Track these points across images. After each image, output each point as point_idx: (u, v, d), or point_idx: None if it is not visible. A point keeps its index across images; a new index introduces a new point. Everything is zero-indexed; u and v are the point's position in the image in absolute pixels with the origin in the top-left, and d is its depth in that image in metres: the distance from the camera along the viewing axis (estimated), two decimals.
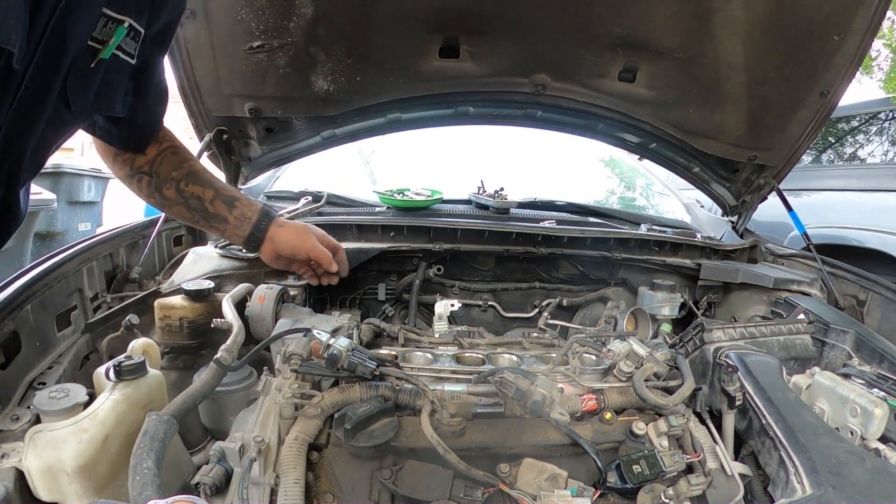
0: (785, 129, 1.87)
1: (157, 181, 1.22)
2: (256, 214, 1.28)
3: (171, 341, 1.32)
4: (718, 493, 0.95)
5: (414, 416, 0.97)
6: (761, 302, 1.71)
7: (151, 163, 1.21)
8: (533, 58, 1.74)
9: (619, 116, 1.95)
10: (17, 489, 0.83)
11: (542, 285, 1.83)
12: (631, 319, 1.59)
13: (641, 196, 2.99)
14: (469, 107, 1.93)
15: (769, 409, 1.01)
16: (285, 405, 0.91)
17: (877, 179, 3.82)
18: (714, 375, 1.13)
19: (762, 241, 2.11)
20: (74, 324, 1.22)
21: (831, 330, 1.41)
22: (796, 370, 1.24)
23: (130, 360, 1.00)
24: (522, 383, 0.95)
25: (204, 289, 1.35)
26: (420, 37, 1.64)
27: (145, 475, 0.71)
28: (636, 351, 1.16)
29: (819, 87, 1.72)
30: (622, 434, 1.03)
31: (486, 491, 0.86)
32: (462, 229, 1.66)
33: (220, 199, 1.26)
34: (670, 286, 1.69)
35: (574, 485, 0.90)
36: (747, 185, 2.14)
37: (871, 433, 1.01)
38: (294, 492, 0.80)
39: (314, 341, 1.02)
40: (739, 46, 1.64)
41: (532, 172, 2.77)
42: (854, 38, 1.56)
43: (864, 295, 1.67)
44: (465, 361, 1.23)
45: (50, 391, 0.92)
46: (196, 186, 1.24)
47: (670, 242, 1.87)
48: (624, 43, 1.67)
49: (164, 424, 0.79)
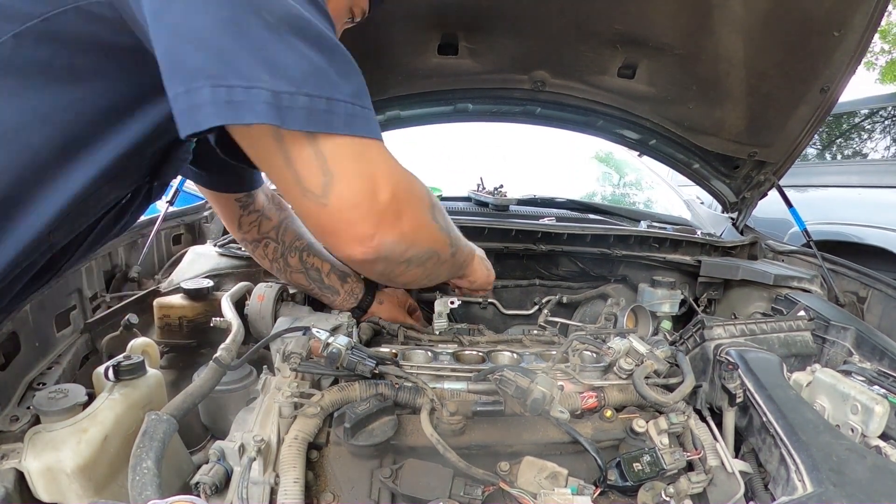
0: (785, 126, 1.87)
1: (283, 248, 1.31)
2: (362, 291, 1.39)
3: (171, 340, 1.32)
4: (719, 491, 0.95)
5: (414, 414, 0.97)
6: (761, 299, 1.71)
7: (277, 229, 1.30)
8: (532, 54, 1.73)
9: (619, 113, 1.94)
10: (16, 490, 0.83)
11: (542, 282, 1.83)
12: (631, 316, 1.59)
13: (641, 193, 2.99)
14: (468, 104, 1.92)
15: (770, 406, 1.00)
16: (285, 404, 0.91)
17: (877, 176, 3.81)
18: (714, 372, 1.13)
19: (762, 237, 2.11)
20: (73, 324, 1.21)
21: (832, 327, 1.41)
22: (797, 367, 1.24)
23: (129, 360, 1.00)
24: (522, 381, 0.95)
25: (203, 288, 1.35)
26: (419, 33, 1.64)
27: (145, 475, 0.71)
28: (636, 348, 1.16)
29: (819, 84, 1.71)
30: (622, 432, 1.03)
31: (486, 489, 0.86)
32: (461, 226, 1.62)
33: (334, 272, 1.36)
34: (670, 283, 1.68)
35: (574, 483, 0.90)
36: (747, 182, 2.14)
37: (871, 430, 1.01)
38: (294, 491, 0.80)
39: (313, 340, 1.02)
40: (739, 42, 1.63)
41: (531, 169, 2.77)
42: (854, 34, 1.56)
43: (864, 292, 1.67)
44: (465, 359, 1.23)
45: (49, 391, 0.92)
46: (316, 259, 1.33)
47: (670, 239, 1.86)
48: (623, 39, 1.66)
49: (164, 424, 0.79)
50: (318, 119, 0.64)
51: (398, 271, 0.84)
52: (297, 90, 0.62)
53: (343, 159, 0.67)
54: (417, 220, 0.80)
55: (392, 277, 0.87)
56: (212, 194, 1.25)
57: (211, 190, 1.24)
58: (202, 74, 0.60)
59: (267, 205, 1.31)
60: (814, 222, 3.58)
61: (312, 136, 0.65)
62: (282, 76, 0.61)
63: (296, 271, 1.33)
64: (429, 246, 0.86)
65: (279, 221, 1.31)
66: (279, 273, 1.35)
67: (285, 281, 1.36)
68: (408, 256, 0.81)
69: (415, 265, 0.85)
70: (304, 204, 0.69)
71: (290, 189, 0.69)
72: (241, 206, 1.26)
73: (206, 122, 0.60)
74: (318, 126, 0.64)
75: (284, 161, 0.66)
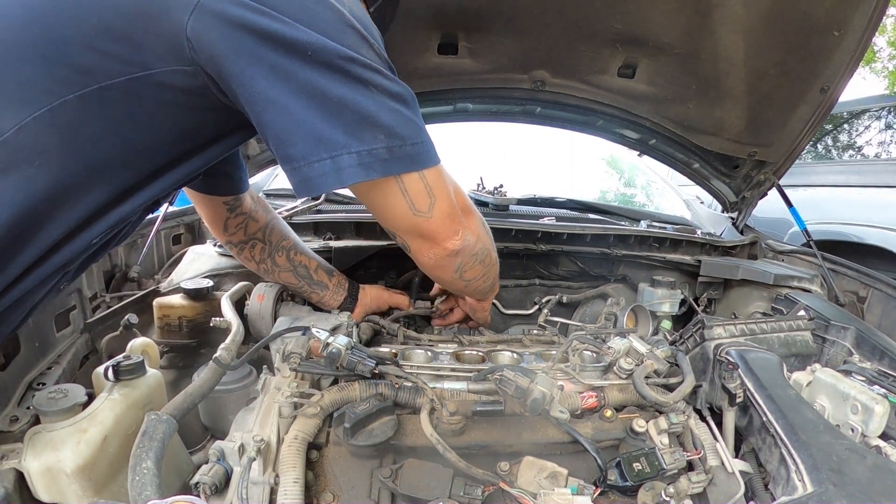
0: (785, 125, 1.86)
1: (270, 248, 1.34)
2: (348, 282, 1.44)
3: (170, 340, 1.32)
4: (719, 491, 0.95)
5: (413, 414, 0.97)
6: (762, 298, 1.71)
7: (264, 230, 1.34)
8: (532, 54, 1.73)
9: (619, 112, 1.94)
10: (16, 490, 0.83)
11: (542, 282, 1.83)
12: (631, 316, 1.59)
13: (641, 192, 2.99)
14: (468, 103, 1.92)
15: (770, 406, 1.00)
16: (284, 404, 0.91)
17: (878, 175, 3.81)
18: (714, 372, 1.13)
19: (762, 237, 2.11)
20: (73, 324, 1.21)
21: (832, 327, 1.41)
22: (797, 367, 1.24)
23: (129, 360, 1.00)
24: (522, 381, 0.95)
25: (203, 287, 1.35)
26: (418, 33, 1.64)
27: (145, 475, 0.71)
28: (636, 348, 1.16)
29: (819, 83, 1.71)
30: (622, 432, 1.03)
31: (486, 489, 0.86)
32: None
33: (321, 268, 1.40)
34: (670, 283, 1.68)
35: (574, 483, 0.90)
36: (747, 182, 2.14)
37: (871, 430, 1.01)
38: (293, 491, 0.80)
39: (313, 340, 1.02)
40: (739, 42, 1.63)
41: (531, 169, 2.77)
42: (854, 33, 1.55)
43: (864, 291, 1.67)
44: (465, 359, 1.23)
45: (49, 392, 0.92)
46: (303, 256, 1.38)
47: (670, 239, 1.86)
48: (623, 39, 1.66)
49: (164, 424, 0.79)
50: (419, 160, 0.87)
51: (468, 264, 1.07)
52: (403, 143, 0.84)
53: (437, 184, 0.91)
54: (477, 222, 1.08)
55: (463, 272, 1.08)
56: (199, 197, 1.26)
57: (201, 193, 1.24)
58: (338, 144, 0.79)
59: (253, 207, 1.32)
60: (814, 222, 3.58)
61: (419, 173, 0.88)
62: (392, 135, 0.82)
63: (284, 270, 1.34)
64: (485, 244, 1.10)
65: (266, 223, 1.34)
66: (266, 274, 1.36)
67: (274, 280, 1.37)
68: (476, 250, 1.06)
69: (478, 261, 1.09)
70: (414, 220, 0.93)
71: (404, 212, 0.91)
72: (229, 208, 1.27)
73: (350, 179, 0.80)
74: (418, 165, 0.87)
75: (402, 193, 0.89)
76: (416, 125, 0.86)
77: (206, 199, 1.26)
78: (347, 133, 0.79)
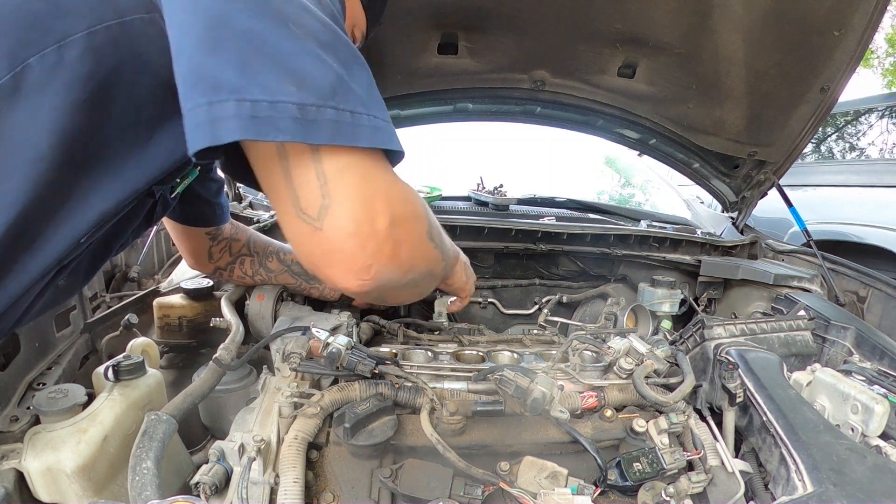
0: (785, 125, 1.87)
1: (259, 258, 1.33)
2: None
3: (171, 340, 1.32)
4: (719, 491, 0.95)
5: (414, 414, 0.97)
6: (762, 298, 1.71)
7: (248, 244, 1.32)
8: (532, 54, 1.73)
9: (619, 112, 1.94)
10: (16, 490, 0.83)
11: (542, 282, 1.83)
12: (631, 316, 1.59)
13: (641, 192, 2.99)
14: (468, 103, 1.92)
15: (770, 405, 1.00)
16: (285, 404, 0.91)
17: (877, 175, 3.81)
18: (714, 372, 1.13)
19: (762, 237, 2.11)
20: (73, 324, 1.21)
21: (832, 326, 1.41)
22: (797, 367, 1.24)
23: (129, 360, 1.00)
24: (522, 381, 0.95)
25: (203, 287, 1.35)
26: (418, 33, 1.63)
27: (145, 475, 0.71)
28: (636, 348, 1.16)
29: (819, 83, 1.71)
30: (622, 431, 1.03)
31: (487, 489, 0.86)
32: (461, 226, 1.66)
33: None
34: (670, 283, 1.68)
35: (574, 483, 0.89)
36: (747, 181, 2.14)
37: (871, 430, 1.01)
38: (293, 491, 0.80)
39: (313, 340, 1.02)
40: (739, 42, 1.63)
41: (531, 169, 2.77)
42: (854, 33, 1.55)
43: (864, 291, 1.67)
44: (465, 359, 1.23)
45: (49, 392, 0.92)
46: (292, 255, 1.33)
47: (670, 239, 1.86)
48: (623, 38, 1.66)
49: (164, 424, 0.79)
50: (345, 132, 0.60)
51: (392, 295, 0.79)
52: (324, 103, 0.59)
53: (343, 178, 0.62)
54: (415, 245, 0.74)
55: (384, 300, 0.91)
56: (181, 229, 1.23)
57: (184, 224, 1.22)
58: (227, 87, 0.56)
59: (233, 231, 1.31)
60: (814, 222, 3.58)
61: (314, 149, 0.61)
62: (309, 88, 0.58)
63: (279, 273, 1.34)
64: (425, 268, 0.79)
65: (247, 239, 1.33)
66: (264, 281, 1.36)
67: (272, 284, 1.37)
68: (405, 282, 0.75)
69: (410, 287, 0.79)
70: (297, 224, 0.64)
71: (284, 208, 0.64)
72: (211, 237, 1.27)
73: (228, 135, 0.56)
74: (345, 139, 0.60)
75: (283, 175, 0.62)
76: (354, 91, 0.61)
77: (187, 231, 1.23)
78: (245, 74, 0.57)
